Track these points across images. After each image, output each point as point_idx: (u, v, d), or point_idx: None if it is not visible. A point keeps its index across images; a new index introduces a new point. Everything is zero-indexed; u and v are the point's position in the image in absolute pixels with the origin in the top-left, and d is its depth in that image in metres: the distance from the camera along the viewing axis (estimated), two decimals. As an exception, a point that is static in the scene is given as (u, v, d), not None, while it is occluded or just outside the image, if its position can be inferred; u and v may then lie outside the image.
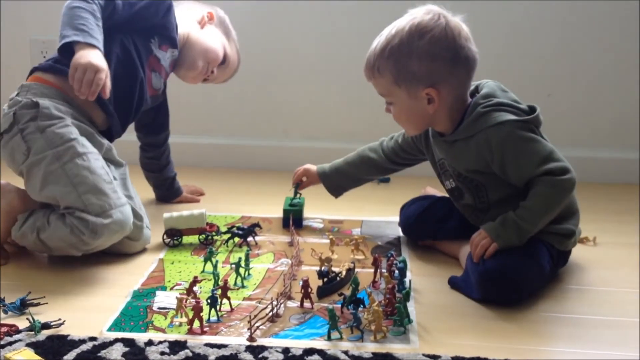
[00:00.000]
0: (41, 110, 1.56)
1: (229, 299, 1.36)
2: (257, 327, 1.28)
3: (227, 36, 1.91)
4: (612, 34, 2.21)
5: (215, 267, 1.49)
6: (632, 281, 1.52)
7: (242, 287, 1.47)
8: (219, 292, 1.36)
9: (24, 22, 2.39)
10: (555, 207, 1.43)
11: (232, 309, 1.37)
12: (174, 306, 1.34)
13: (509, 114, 1.43)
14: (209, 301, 1.33)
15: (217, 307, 1.33)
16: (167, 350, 1.20)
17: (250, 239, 1.71)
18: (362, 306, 1.33)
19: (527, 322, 1.34)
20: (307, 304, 1.38)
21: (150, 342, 1.22)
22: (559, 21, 2.22)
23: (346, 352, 1.20)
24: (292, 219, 1.78)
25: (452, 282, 1.48)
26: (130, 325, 1.30)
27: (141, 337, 1.25)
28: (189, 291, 1.39)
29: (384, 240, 1.75)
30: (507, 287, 1.38)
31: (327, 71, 2.33)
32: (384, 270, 1.50)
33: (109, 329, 1.28)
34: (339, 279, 1.45)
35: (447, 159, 1.54)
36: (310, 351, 1.20)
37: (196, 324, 1.28)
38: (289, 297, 1.41)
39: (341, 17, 2.28)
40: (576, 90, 2.27)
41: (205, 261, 1.56)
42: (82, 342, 1.22)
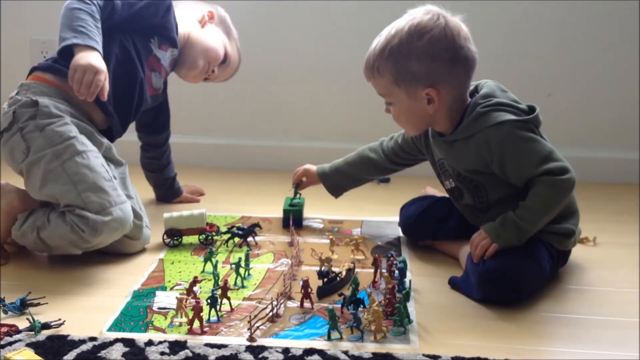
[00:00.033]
0: (40, 108, 1.56)
1: (229, 299, 1.36)
2: (257, 327, 1.28)
3: (227, 35, 1.90)
4: (612, 34, 2.21)
5: (215, 267, 1.49)
6: (631, 281, 1.52)
7: (242, 287, 1.47)
8: (219, 292, 1.35)
9: (24, 22, 2.39)
10: (554, 207, 1.43)
11: (232, 309, 1.36)
12: (174, 306, 1.34)
13: (508, 113, 1.43)
14: (209, 301, 1.33)
15: (217, 307, 1.33)
16: (167, 350, 1.20)
17: (250, 239, 1.71)
18: (362, 306, 1.33)
19: (527, 322, 1.34)
20: (307, 304, 1.38)
21: (150, 342, 1.22)
22: (558, 21, 2.22)
23: (346, 352, 1.20)
24: (292, 219, 1.78)
25: (452, 282, 1.48)
26: (130, 325, 1.30)
27: (141, 337, 1.25)
28: (189, 291, 1.39)
29: (384, 240, 1.75)
30: (507, 287, 1.38)
31: (327, 71, 2.33)
32: (384, 270, 1.50)
33: (109, 329, 1.28)
34: (339, 279, 1.45)
35: (447, 159, 1.54)
36: (310, 351, 1.20)
37: (196, 324, 1.28)
38: (289, 297, 1.41)
39: (341, 17, 2.28)
40: (576, 90, 2.27)
41: (205, 261, 1.56)
42: (82, 342, 1.22)
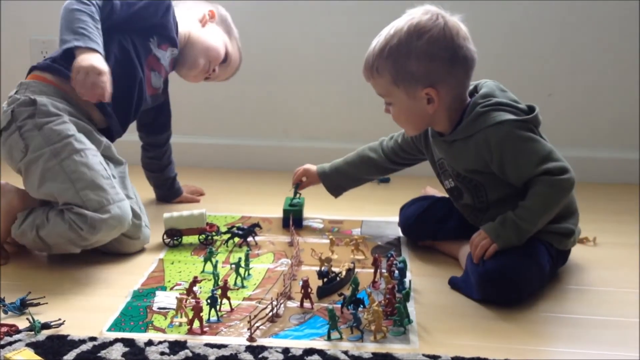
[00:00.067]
0: (38, 107, 1.56)
1: (228, 299, 1.36)
2: (257, 327, 1.28)
3: (228, 34, 1.90)
4: (612, 34, 2.21)
5: (215, 267, 1.49)
6: (631, 281, 1.52)
7: (242, 287, 1.47)
8: (219, 292, 1.36)
9: (24, 22, 2.39)
10: (554, 206, 1.43)
11: (232, 309, 1.37)
12: (174, 306, 1.34)
13: (507, 113, 1.43)
14: (209, 301, 1.33)
15: (217, 307, 1.33)
16: (167, 350, 1.20)
17: (250, 239, 1.71)
18: (362, 306, 1.33)
19: (527, 322, 1.34)
20: (307, 304, 1.38)
21: (150, 342, 1.22)
22: (558, 21, 2.22)
23: (346, 352, 1.20)
24: (292, 219, 1.78)
25: (453, 282, 1.48)
26: (130, 325, 1.30)
27: (141, 337, 1.25)
28: (189, 291, 1.39)
29: (384, 240, 1.75)
30: (507, 288, 1.38)
31: (327, 71, 2.33)
32: (384, 270, 1.50)
33: (109, 329, 1.28)
34: (338, 279, 1.45)
35: (446, 158, 1.54)
36: (310, 351, 1.20)
37: (196, 324, 1.28)
38: (289, 297, 1.41)
39: (341, 17, 2.28)
40: (576, 90, 2.27)
41: (205, 261, 1.56)
42: (82, 342, 1.22)
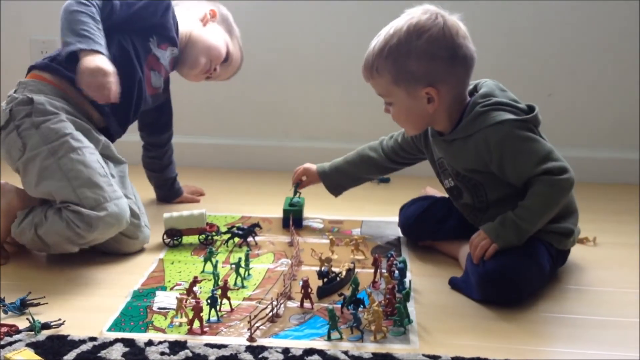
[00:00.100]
0: (35, 106, 1.57)
1: (229, 299, 1.37)
2: (257, 327, 1.28)
3: (230, 33, 1.90)
4: (612, 34, 2.21)
5: (215, 267, 1.49)
6: (631, 281, 1.52)
7: (242, 287, 1.47)
8: (219, 292, 1.36)
9: (24, 22, 2.39)
10: (553, 206, 1.43)
11: (232, 309, 1.37)
12: (174, 306, 1.34)
13: (507, 113, 1.43)
14: (209, 301, 1.33)
15: (217, 307, 1.33)
16: (167, 350, 1.20)
17: (250, 239, 1.71)
18: (362, 306, 1.33)
19: (526, 322, 1.34)
20: (307, 304, 1.38)
21: (150, 342, 1.22)
22: (558, 21, 2.22)
23: (346, 353, 1.20)
24: (292, 219, 1.78)
25: (453, 283, 1.48)
26: (130, 325, 1.30)
27: (141, 337, 1.25)
28: (189, 291, 1.39)
29: (384, 240, 1.75)
30: (507, 288, 1.38)
31: (327, 71, 2.33)
32: (384, 270, 1.50)
33: (109, 329, 1.28)
34: (339, 279, 1.45)
35: (446, 158, 1.54)
36: (310, 351, 1.20)
37: (196, 324, 1.28)
38: (289, 298, 1.41)
39: (341, 17, 2.28)
40: (576, 90, 2.27)
41: (205, 261, 1.56)
42: (82, 342, 1.22)
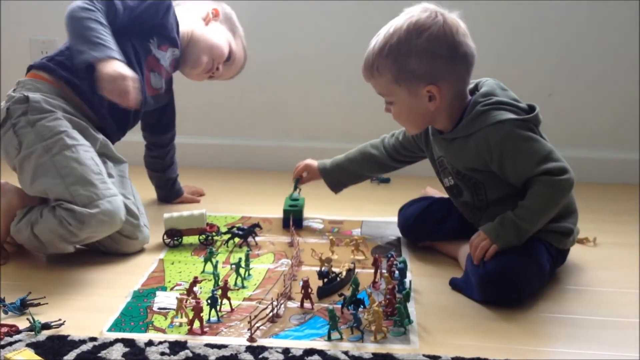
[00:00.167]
0: (31, 104, 1.57)
1: (229, 299, 1.37)
2: (258, 327, 1.28)
3: (233, 33, 1.89)
4: (612, 34, 2.21)
5: (215, 267, 1.49)
6: (631, 281, 1.52)
7: (242, 287, 1.47)
8: (219, 292, 1.35)
9: (24, 22, 2.39)
10: (553, 207, 1.43)
11: (232, 310, 1.37)
12: (174, 306, 1.34)
13: (508, 112, 1.43)
14: (209, 301, 1.33)
15: (217, 307, 1.33)
16: (167, 350, 1.20)
17: (250, 239, 1.71)
18: (362, 307, 1.33)
19: (527, 322, 1.34)
20: (307, 305, 1.38)
21: (150, 343, 1.22)
22: (558, 21, 2.22)
23: (346, 353, 1.20)
24: (292, 220, 1.78)
25: (453, 283, 1.48)
26: (130, 325, 1.30)
27: (141, 337, 1.25)
28: (189, 291, 1.39)
29: (384, 240, 1.75)
30: (507, 288, 1.38)
31: (327, 71, 2.33)
32: (384, 270, 1.50)
33: (109, 329, 1.28)
34: (339, 279, 1.45)
35: (446, 156, 1.54)
36: (310, 351, 1.20)
37: (196, 324, 1.28)
38: (289, 298, 1.41)
39: (341, 17, 2.28)
40: (576, 90, 2.27)
41: (205, 261, 1.56)
42: (82, 342, 1.22)
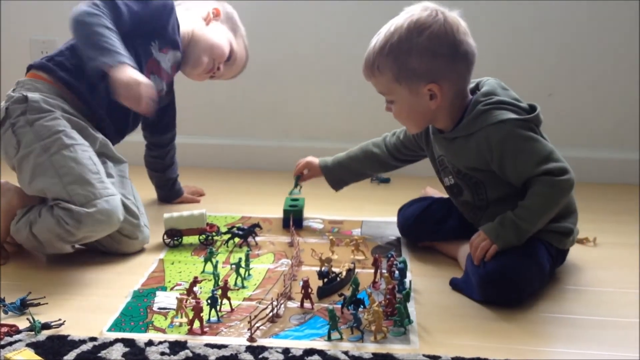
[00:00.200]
0: (30, 103, 1.57)
1: (229, 299, 1.37)
2: (258, 327, 1.28)
3: (234, 32, 1.88)
4: (612, 34, 2.21)
5: (215, 267, 1.49)
6: (630, 281, 1.52)
7: (242, 287, 1.47)
8: (219, 292, 1.36)
9: (24, 22, 2.39)
10: (553, 207, 1.43)
11: (232, 310, 1.37)
12: (174, 306, 1.34)
13: (509, 112, 1.43)
14: (209, 301, 1.33)
15: (217, 307, 1.33)
16: (167, 350, 1.20)
17: (250, 239, 1.71)
18: (362, 307, 1.33)
19: (527, 322, 1.34)
20: (307, 305, 1.38)
21: (150, 343, 1.23)
22: (558, 21, 2.22)
23: (346, 353, 1.20)
24: (292, 220, 1.78)
25: (454, 283, 1.48)
26: (130, 325, 1.30)
27: (141, 337, 1.25)
28: (189, 291, 1.39)
29: (384, 240, 1.75)
30: (508, 288, 1.38)
31: (327, 71, 2.33)
32: (384, 270, 1.50)
33: (109, 329, 1.28)
34: (339, 279, 1.45)
35: (447, 155, 1.54)
36: (310, 351, 1.20)
37: (196, 324, 1.28)
38: (289, 298, 1.41)
39: (341, 17, 2.28)
40: (576, 90, 2.27)
41: (205, 261, 1.56)
42: (82, 342, 1.22)
